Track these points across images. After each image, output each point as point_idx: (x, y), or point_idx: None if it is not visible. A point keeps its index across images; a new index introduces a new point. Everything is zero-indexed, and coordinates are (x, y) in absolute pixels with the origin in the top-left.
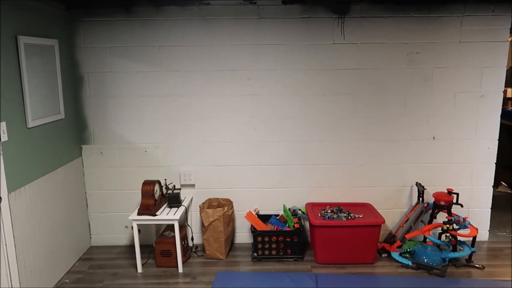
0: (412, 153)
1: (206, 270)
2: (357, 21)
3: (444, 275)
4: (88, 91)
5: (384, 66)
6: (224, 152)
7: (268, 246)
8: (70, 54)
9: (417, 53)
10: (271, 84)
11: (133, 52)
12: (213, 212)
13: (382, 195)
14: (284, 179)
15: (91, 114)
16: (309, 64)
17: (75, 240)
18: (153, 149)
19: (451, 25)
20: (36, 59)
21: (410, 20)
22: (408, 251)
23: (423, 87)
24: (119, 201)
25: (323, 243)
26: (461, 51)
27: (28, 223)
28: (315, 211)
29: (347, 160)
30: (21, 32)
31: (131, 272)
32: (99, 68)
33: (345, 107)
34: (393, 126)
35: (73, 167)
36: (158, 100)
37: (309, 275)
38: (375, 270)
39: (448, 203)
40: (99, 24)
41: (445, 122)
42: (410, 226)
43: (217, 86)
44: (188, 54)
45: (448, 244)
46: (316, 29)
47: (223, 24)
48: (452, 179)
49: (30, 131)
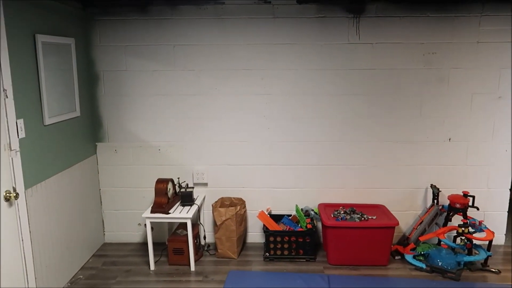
0: (427, 154)
1: (218, 269)
2: (373, 20)
3: (458, 279)
4: (103, 89)
5: (400, 67)
6: (237, 152)
7: (280, 246)
8: (86, 53)
9: (433, 53)
10: (285, 83)
11: (148, 51)
12: (225, 211)
13: (396, 197)
14: (297, 179)
15: (106, 112)
16: (323, 64)
17: (89, 237)
18: (167, 148)
19: (469, 25)
20: (53, 58)
21: (427, 20)
22: (422, 254)
23: (439, 88)
24: (132, 199)
25: (335, 244)
26: (478, 51)
27: (44, 219)
28: (328, 211)
29: (360, 161)
30: (39, 31)
31: (143, 269)
32: (115, 67)
33: (359, 107)
34: (408, 127)
35: (88, 165)
36: (172, 99)
37: (322, 276)
38: (388, 272)
39: (464, 205)
40: (115, 23)
41: (462, 124)
42: (424, 228)
43: (231, 86)
44: (203, 53)
45: (463, 247)
46: (331, 29)
47: (237, 24)
48: (468, 181)
49: (47, 128)
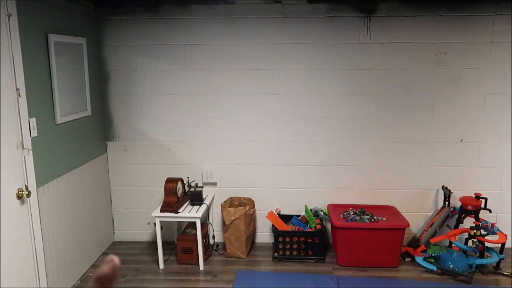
0: (439, 156)
1: (226, 268)
2: (384, 20)
3: (470, 282)
4: (114, 88)
5: (411, 67)
6: (246, 151)
7: (289, 247)
8: (97, 52)
9: (445, 53)
10: (294, 83)
11: (158, 50)
12: (234, 211)
13: (406, 198)
14: (306, 179)
15: (116, 112)
16: (333, 64)
17: (99, 235)
18: (176, 147)
19: (483, 25)
20: (65, 57)
21: (439, 19)
22: (432, 256)
23: (451, 88)
24: (142, 198)
25: (345, 245)
26: (492, 51)
27: (55, 217)
28: (337, 212)
29: (371, 162)
30: (51, 30)
31: (153, 268)
32: (125, 66)
33: (369, 107)
34: (420, 128)
35: (99, 163)
36: (182, 98)
37: (331, 277)
38: (398, 274)
39: (476, 208)
40: (126, 23)
41: (474, 125)
42: (435, 230)
43: (241, 85)
44: (213, 53)
45: (475, 250)
46: (341, 28)
47: (247, 23)
48: (481, 183)
49: (59, 127)
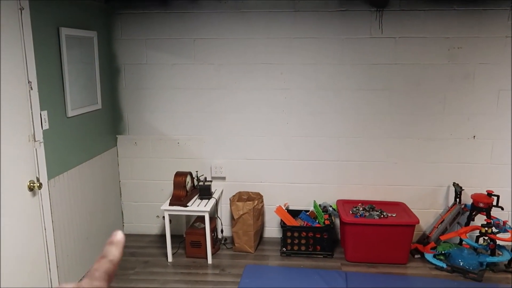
0: (450, 152)
1: (235, 262)
2: (396, 14)
3: (481, 280)
4: (124, 82)
5: (423, 62)
6: (255, 146)
7: (298, 242)
8: (107, 46)
9: (459, 48)
10: (304, 78)
11: (169, 44)
12: (243, 205)
13: (417, 195)
14: (315, 174)
15: (127, 105)
16: (344, 59)
17: (109, 227)
18: (186, 141)
19: (498, 19)
20: (76, 51)
21: (453, 14)
22: (442, 253)
23: (465, 84)
24: (151, 191)
25: (354, 241)
26: (507, 46)
27: (65, 209)
28: (346, 208)
29: (381, 158)
30: (63, 24)
31: (161, 261)
32: (135, 60)
33: (380, 103)
34: (431, 124)
35: (109, 157)
36: (192, 93)
37: (339, 272)
38: (407, 271)
39: (488, 205)
40: (136, 17)
41: (487, 121)
42: (446, 227)
43: (250, 80)
44: (222, 47)
45: (486, 248)
46: (353, 23)
47: (258, 17)
48: (493, 180)
49: (70, 120)
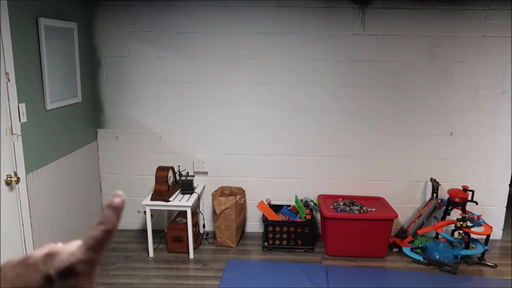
0: (429, 148)
1: (216, 257)
2: (379, 12)
3: (455, 272)
4: (105, 75)
5: (404, 59)
6: (238, 141)
7: (279, 236)
8: (88, 38)
9: (438, 46)
10: (288, 74)
11: (151, 37)
12: (225, 200)
13: (396, 190)
14: (297, 170)
15: (108, 99)
16: (327, 55)
17: (89, 223)
18: (168, 136)
19: (476, 19)
20: (56, 42)
21: (433, 12)
22: (419, 247)
23: (443, 81)
24: (132, 186)
25: (334, 235)
26: (484, 45)
27: (44, 204)
28: (327, 203)
29: (362, 153)
30: (42, 14)
31: (143, 256)
32: (117, 53)
33: (362, 99)
34: (411, 120)
35: (89, 151)
36: (175, 87)
37: (320, 266)
38: (385, 264)
39: (463, 200)
40: (118, 8)
41: (464, 118)
42: (423, 221)
43: (234, 74)
44: (206, 41)
45: (461, 241)
46: (336, 19)
47: (242, 12)
48: (468, 176)
49: (49, 113)
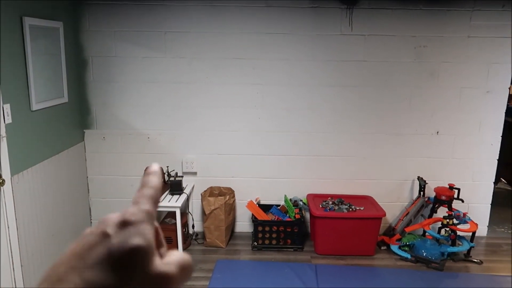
0: (416, 147)
1: (206, 257)
2: (366, 12)
3: (442, 269)
4: (92, 75)
5: (391, 59)
6: (227, 141)
7: (269, 236)
8: (74, 38)
9: (424, 46)
10: (277, 73)
11: (139, 37)
12: (214, 200)
13: (384, 188)
14: (287, 169)
15: (95, 99)
16: (316, 55)
17: (76, 225)
18: (156, 136)
19: (460, 20)
20: (41, 42)
21: (419, 13)
22: (407, 245)
23: (429, 81)
24: (120, 187)
25: (323, 234)
26: (469, 46)
27: (30, 206)
28: (316, 202)
29: (350, 153)
30: (26, 13)
31: None
32: (104, 53)
33: (350, 99)
34: (398, 119)
35: (75, 152)
36: (163, 87)
37: (309, 265)
38: (374, 262)
39: (449, 198)
40: (105, 8)
41: (450, 117)
42: (410, 219)
43: (223, 74)
44: (194, 41)
45: (448, 238)
46: (324, 19)
47: (230, 11)
48: (454, 174)
49: (34, 114)
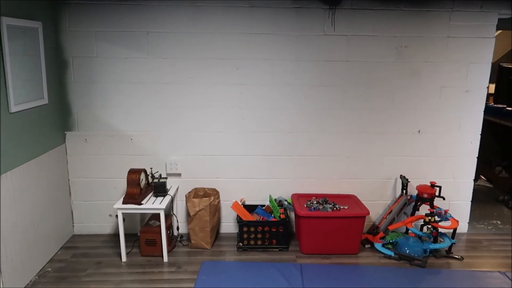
0: (398, 146)
1: (191, 259)
2: (348, 12)
3: (425, 266)
4: (72, 76)
5: (373, 59)
6: (212, 142)
7: (254, 236)
8: (54, 38)
9: (405, 46)
10: (260, 74)
11: (120, 37)
12: (199, 201)
13: (367, 187)
14: (271, 169)
15: (76, 100)
16: (299, 55)
17: (58, 228)
18: (139, 137)
19: (440, 20)
20: (19, 42)
21: (400, 14)
22: (390, 242)
23: (411, 80)
24: (103, 189)
25: (308, 234)
26: (448, 46)
27: (9, 210)
28: (301, 202)
29: (334, 152)
30: (4, 13)
31: (115, 261)
32: (85, 53)
33: (334, 98)
34: (381, 118)
35: (56, 154)
36: (146, 87)
37: (294, 265)
38: (358, 260)
39: (431, 195)
40: (85, 7)
41: (431, 116)
42: (393, 217)
43: (206, 75)
44: (177, 41)
45: (430, 235)
46: (307, 20)
47: (213, 12)
48: (435, 172)
49: (13, 116)
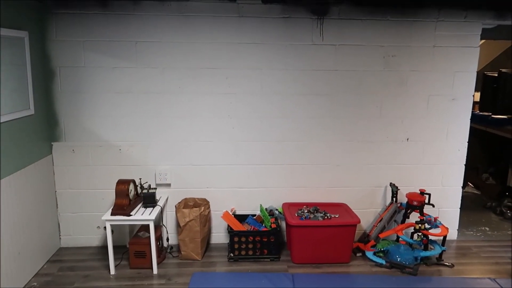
0: (387, 154)
1: (181, 271)
2: (336, 22)
3: (416, 274)
4: (60, 86)
5: (361, 68)
6: (201, 151)
7: (245, 246)
8: (41, 47)
9: (393, 56)
10: (250, 83)
11: (109, 47)
12: (189, 212)
13: (357, 195)
14: (262, 179)
15: (63, 110)
16: (288, 64)
17: (44, 241)
18: (128, 148)
19: (426, 30)
20: (5, 51)
21: (387, 24)
22: (382, 250)
23: (399, 89)
24: (91, 201)
25: (299, 243)
26: (434, 55)
27: None
28: (292, 211)
29: (324, 161)
30: None
31: (103, 274)
32: (72, 63)
33: (323, 107)
34: (369, 127)
35: (43, 165)
36: (134, 97)
37: (286, 275)
38: (350, 269)
39: (421, 203)
40: (73, 17)
41: (419, 124)
42: (384, 225)
43: (195, 84)
44: (166, 51)
45: (420, 243)
46: (295, 30)
47: (202, 21)
48: (424, 179)
49: None
